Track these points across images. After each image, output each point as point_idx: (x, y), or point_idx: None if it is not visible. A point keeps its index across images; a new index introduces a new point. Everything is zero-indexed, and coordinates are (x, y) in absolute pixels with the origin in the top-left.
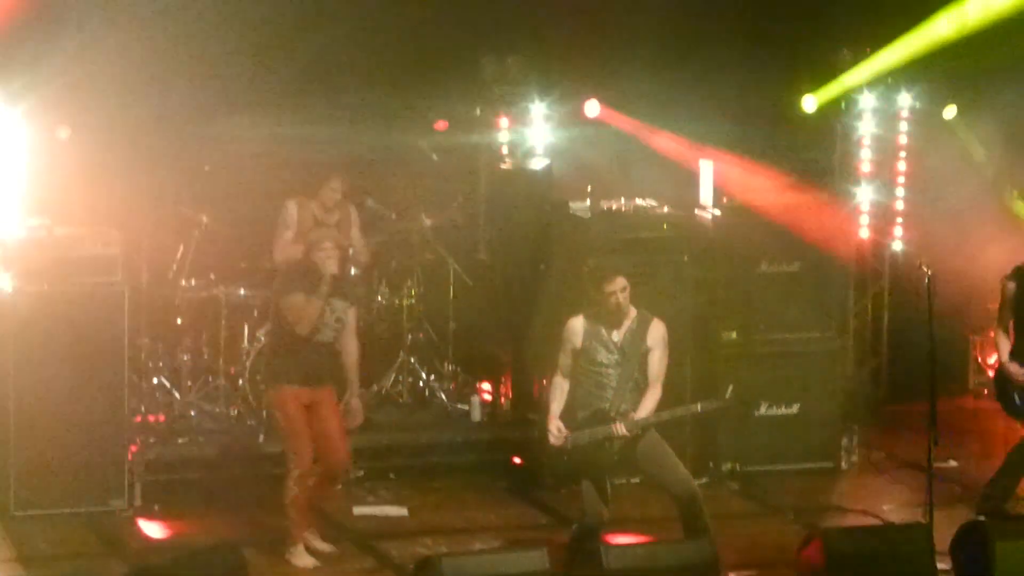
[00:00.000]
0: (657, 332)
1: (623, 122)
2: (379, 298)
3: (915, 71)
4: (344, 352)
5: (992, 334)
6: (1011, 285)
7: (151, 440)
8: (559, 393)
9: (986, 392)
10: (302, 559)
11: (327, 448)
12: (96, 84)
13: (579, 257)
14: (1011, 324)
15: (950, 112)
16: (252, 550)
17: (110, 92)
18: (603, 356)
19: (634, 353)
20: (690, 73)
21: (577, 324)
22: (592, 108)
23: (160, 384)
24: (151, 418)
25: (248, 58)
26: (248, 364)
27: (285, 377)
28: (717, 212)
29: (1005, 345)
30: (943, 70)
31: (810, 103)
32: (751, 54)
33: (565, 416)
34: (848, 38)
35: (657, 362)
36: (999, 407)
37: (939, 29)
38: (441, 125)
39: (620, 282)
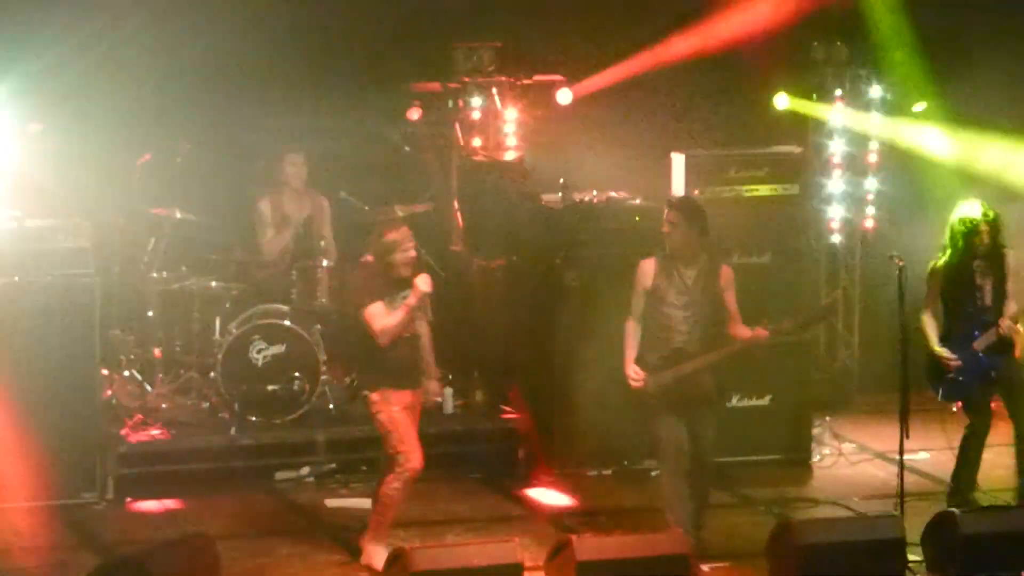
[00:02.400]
0: (728, 274)
1: (594, 111)
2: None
3: (886, 62)
4: (424, 341)
5: (924, 322)
6: (934, 266)
7: (123, 433)
8: (632, 337)
9: None
10: (381, 560)
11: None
12: (68, 77)
13: (551, 249)
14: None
15: (920, 106)
16: (224, 542)
17: (81, 85)
18: (674, 296)
19: (707, 293)
20: (663, 66)
21: (649, 265)
22: (564, 96)
23: (132, 377)
24: (123, 411)
25: (219, 51)
26: (220, 357)
27: (387, 381)
28: None
29: (933, 331)
30: (914, 61)
31: (782, 101)
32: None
33: (639, 361)
34: (820, 32)
35: (734, 300)
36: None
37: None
38: (414, 113)
39: (672, 216)
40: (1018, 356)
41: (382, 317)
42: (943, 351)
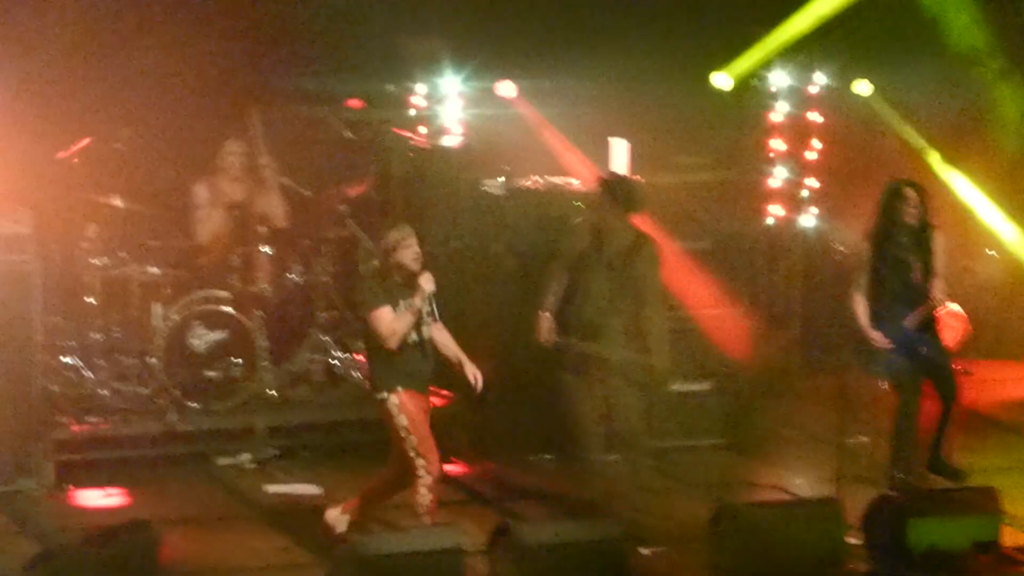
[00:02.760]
0: (652, 253)
1: (535, 103)
2: (291, 276)
3: (827, 47)
4: (439, 339)
5: (854, 301)
6: (864, 246)
7: (63, 419)
8: (555, 286)
9: None
10: (343, 527)
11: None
12: (3, 64)
13: (492, 235)
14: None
15: (862, 87)
16: (165, 528)
17: (18, 71)
18: (597, 268)
19: (630, 270)
20: (604, 52)
21: (583, 230)
22: (505, 88)
23: (72, 363)
24: (62, 398)
25: (158, 38)
26: (160, 343)
27: (401, 382)
28: None
29: (863, 310)
30: (855, 46)
31: (723, 80)
32: (665, 32)
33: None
34: (760, 14)
35: (655, 281)
36: None
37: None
38: (355, 103)
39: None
40: (945, 342)
41: (389, 321)
42: (875, 334)
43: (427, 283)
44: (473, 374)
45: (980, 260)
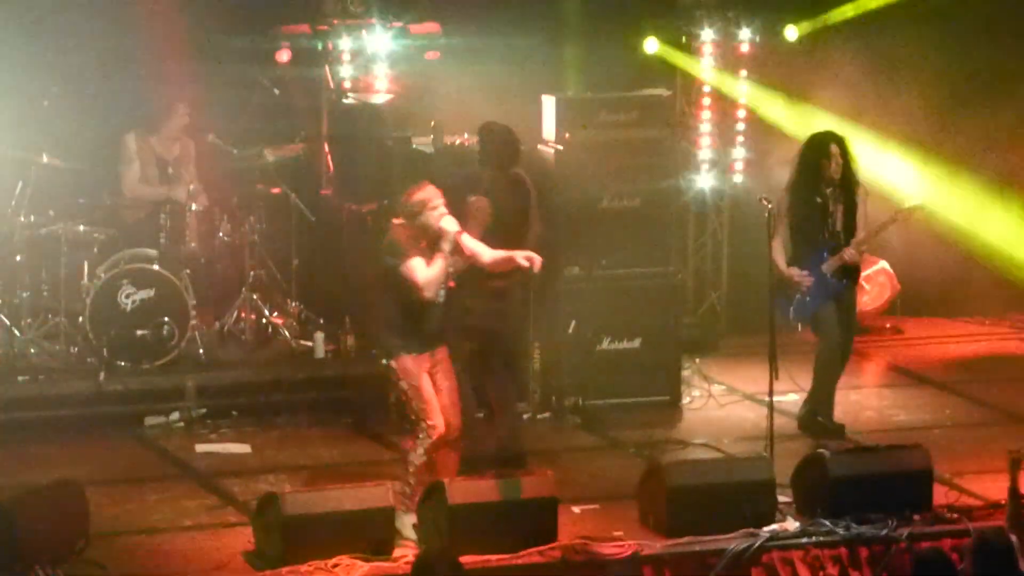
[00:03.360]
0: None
1: (465, 53)
2: (220, 235)
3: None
4: (473, 248)
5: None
6: (783, 196)
7: None
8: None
9: None
10: (410, 531)
11: (443, 412)
12: None
13: None
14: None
15: (791, 33)
16: (93, 488)
17: None
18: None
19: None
20: (532, 7)
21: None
22: (433, 54)
23: None
24: None
25: None
26: (88, 302)
27: (405, 347)
28: (559, 148)
29: (782, 256)
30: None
31: (652, 45)
32: None
33: None
34: None
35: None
36: None
37: None
38: (283, 56)
39: None
40: (864, 306)
41: (423, 269)
42: (793, 270)
43: (450, 224)
44: (526, 258)
45: (910, 217)
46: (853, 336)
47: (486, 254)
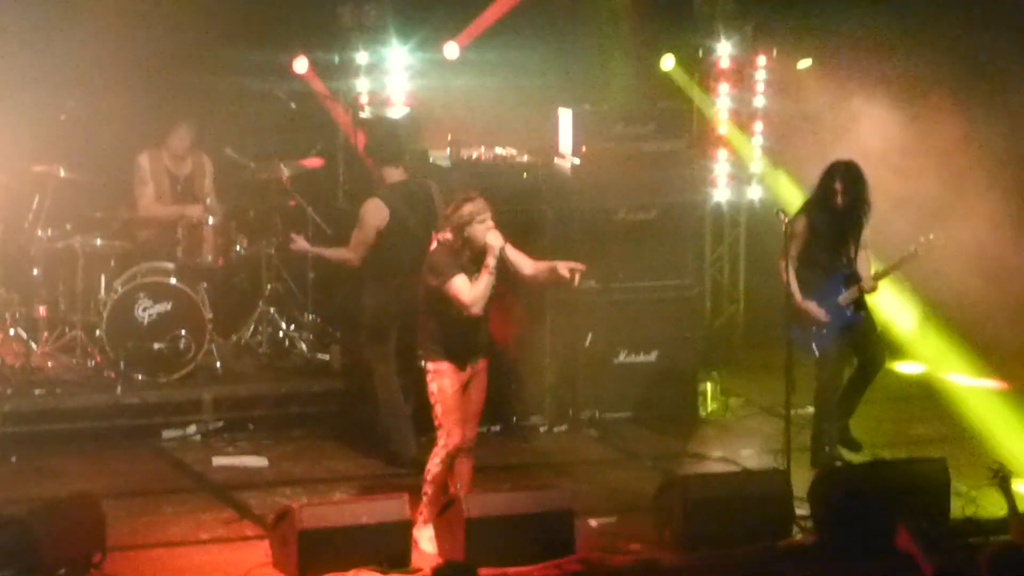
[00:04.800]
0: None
1: (482, 66)
2: (237, 248)
3: (772, 22)
4: (515, 260)
5: (782, 271)
6: (800, 219)
7: (8, 391)
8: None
9: None
10: (429, 544)
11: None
12: None
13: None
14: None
15: (805, 63)
16: (110, 501)
17: None
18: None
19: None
20: (548, 21)
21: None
22: (451, 50)
23: (16, 335)
24: (7, 369)
25: (102, 6)
26: (105, 315)
27: (446, 355)
28: (576, 160)
29: (795, 283)
30: (799, 20)
31: (668, 63)
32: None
33: None
34: None
35: None
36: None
37: None
38: (301, 65)
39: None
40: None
41: (468, 289)
42: (811, 305)
43: (496, 240)
44: (569, 268)
45: (930, 250)
46: (878, 359)
47: (528, 266)
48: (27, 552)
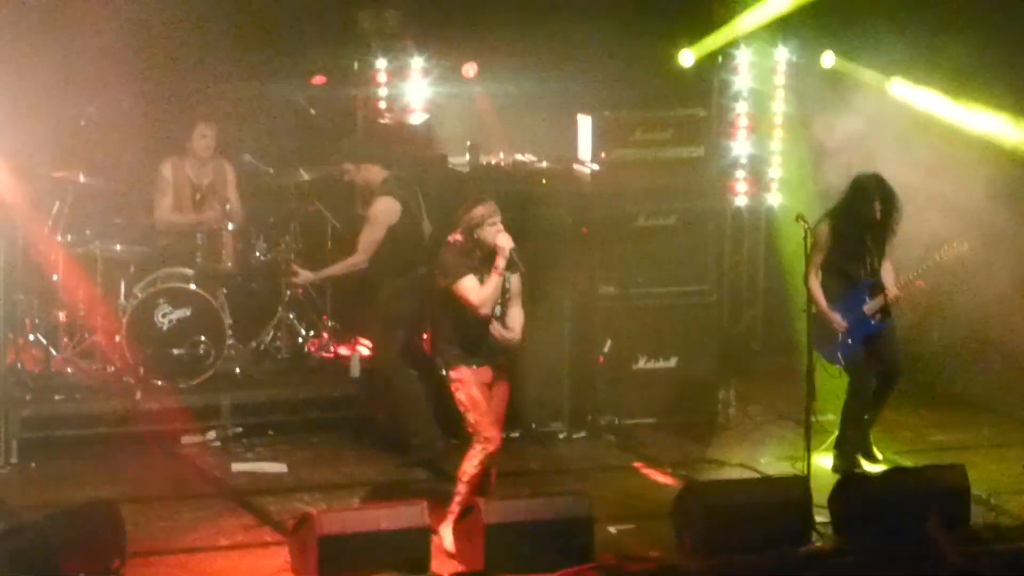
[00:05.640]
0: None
1: (500, 81)
2: (256, 254)
3: (792, 23)
4: (508, 317)
5: (809, 280)
6: (824, 228)
7: (27, 397)
8: None
9: None
10: (453, 544)
11: None
12: None
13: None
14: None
15: (828, 59)
16: (129, 506)
17: None
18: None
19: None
20: (566, 28)
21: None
22: (469, 69)
23: (36, 341)
24: (27, 375)
25: (123, 11)
26: (125, 321)
27: (465, 358)
28: (595, 167)
29: (821, 291)
30: (819, 22)
31: (687, 58)
32: (627, 7)
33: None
34: None
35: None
36: None
37: None
38: (319, 80)
39: None
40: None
41: (477, 289)
42: (835, 315)
43: (506, 241)
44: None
45: (955, 257)
46: (899, 368)
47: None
48: (46, 558)
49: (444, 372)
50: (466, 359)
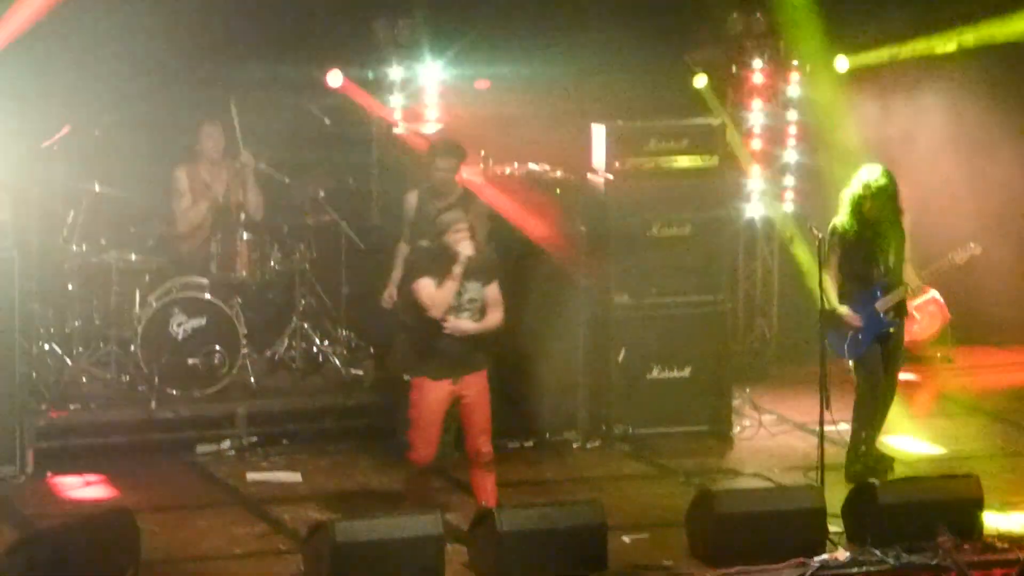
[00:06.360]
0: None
1: (515, 83)
2: (271, 263)
3: (802, 30)
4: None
5: (823, 278)
6: (836, 231)
7: (42, 406)
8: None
9: None
10: None
11: (468, 436)
12: None
13: None
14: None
15: (842, 63)
16: (144, 515)
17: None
18: None
19: None
20: (583, 38)
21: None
22: (482, 84)
23: (51, 350)
24: (42, 384)
25: (138, 20)
26: (140, 330)
27: (424, 369)
28: (609, 176)
29: (834, 289)
30: (832, 27)
31: (701, 81)
32: (644, 17)
33: None
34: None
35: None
36: None
37: None
38: (336, 79)
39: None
40: (914, 335)
41: (431, 291)
42: (846, 310)
43: (465, 248)
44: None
45: (960, 247)
46: (898, 371)
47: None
48: (61, 567)
49: (406, 378)
50: (424, 370)
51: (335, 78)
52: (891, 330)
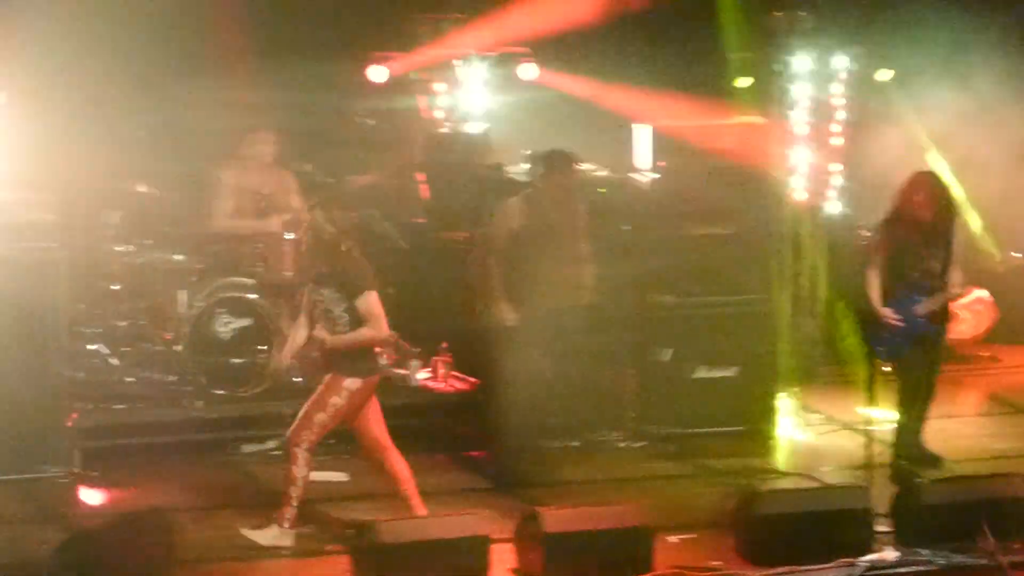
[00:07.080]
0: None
1: (560, 83)
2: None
3: (851, 33)
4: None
5: (866, 276)
6: (883, 233)
7: (89, 406)
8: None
9: None
10: (268, 540)
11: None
12: (33, 49)
13: None
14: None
15: (884, 75)
16: (188, 514)
17: (47, 57)
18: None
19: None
20: (626, 38)
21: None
22: (527, 71)
23: (97, 350)
24: (89, 384)
25: (184, 25)
26: (186, 330)
27: (372, 370)
28: (654, 175)
29: (876, 289)
30: (879, 32)
31: (745, 82)
32: (688, 14)
33: None
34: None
35: None
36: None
37: None
38: (380, 74)
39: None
40: (959, 335)
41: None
42: (886, 310)
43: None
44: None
45: (1006, 247)
46: (937, 374)
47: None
48: (107, 566)
49: (348, 379)
50: (372, 371)
51: (378, 74)
52: (929, 335)
